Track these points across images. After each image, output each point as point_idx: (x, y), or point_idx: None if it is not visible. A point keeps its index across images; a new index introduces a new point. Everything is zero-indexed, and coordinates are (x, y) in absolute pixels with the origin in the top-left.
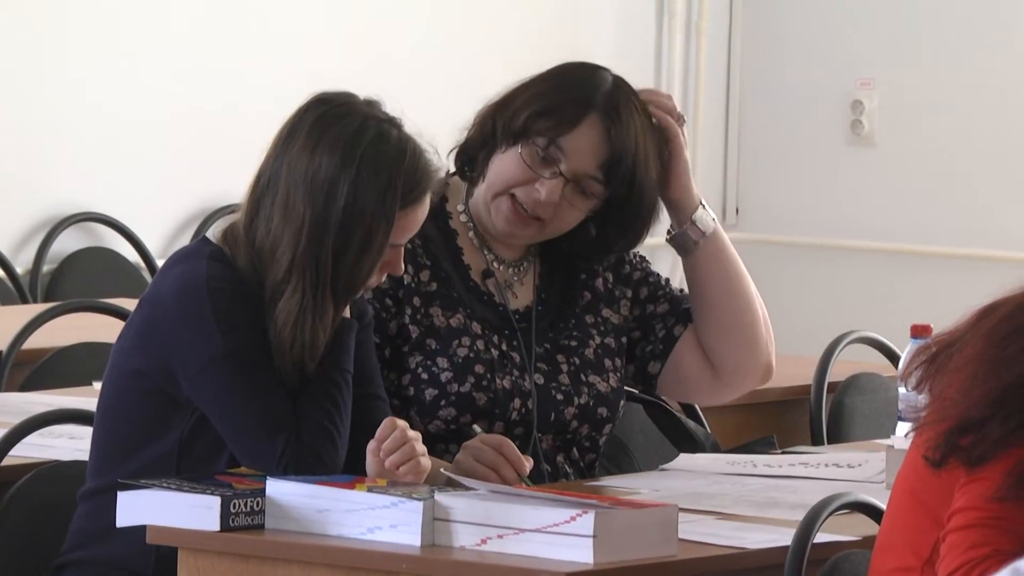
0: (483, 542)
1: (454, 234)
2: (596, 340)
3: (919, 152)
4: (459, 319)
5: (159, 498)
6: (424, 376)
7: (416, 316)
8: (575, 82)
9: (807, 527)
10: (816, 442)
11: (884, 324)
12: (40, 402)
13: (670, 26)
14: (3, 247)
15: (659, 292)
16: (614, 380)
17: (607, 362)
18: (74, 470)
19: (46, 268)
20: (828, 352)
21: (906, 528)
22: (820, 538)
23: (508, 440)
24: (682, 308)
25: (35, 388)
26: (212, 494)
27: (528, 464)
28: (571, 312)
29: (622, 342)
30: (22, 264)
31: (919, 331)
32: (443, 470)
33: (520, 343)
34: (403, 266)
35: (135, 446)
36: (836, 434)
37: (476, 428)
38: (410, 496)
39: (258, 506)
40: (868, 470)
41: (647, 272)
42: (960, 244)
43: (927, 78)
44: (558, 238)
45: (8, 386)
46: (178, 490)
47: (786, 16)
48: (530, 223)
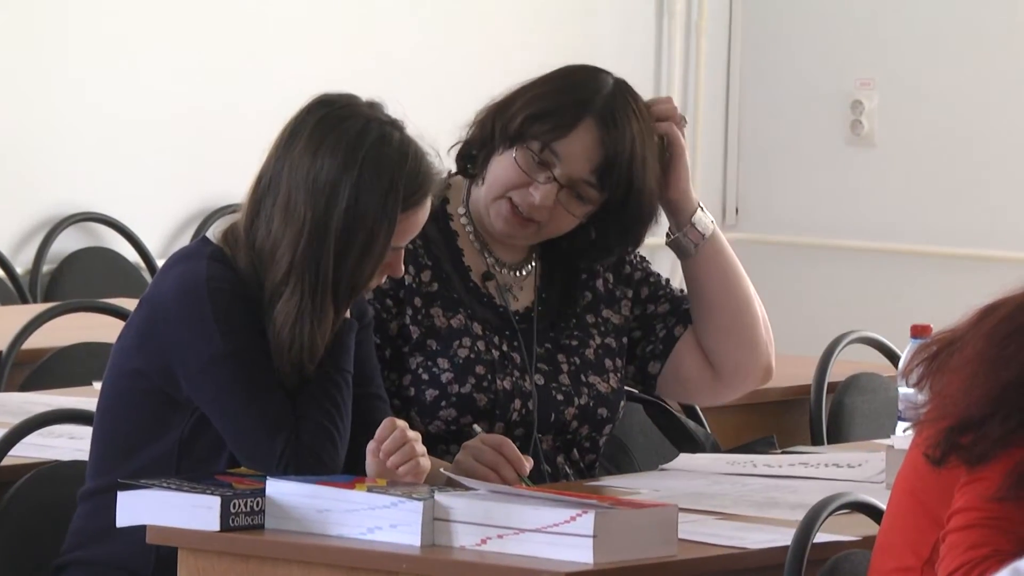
0: (483, 542)
1: (455, 235)
2: (596, 340)
3: (919, 152)
4: (460, 320)
5: (159, 498)
6: (425, 377)
7: (417, 317)
8: (573, 86)
9: (807, 527)
10: (816, 442)
11: (884, 324)
12: (40, 402)
13: (670, 26)
14: (3, 247)
15: (660, 292)
16: (614, 381)
17: (607, 362)
18: (74, 470)
19: (46, 268)
20: (828, 352)
21: (906, 528)
22: (820, 538)
23: (508, 440)
24: (682, 308)
25: (35, 388)
26: (212, 494)
27: (528, 464)
28: (571, 312)
29: (623, 342)
30: (22, 264)
31: (919, 331)
32: (443, 470)
33: (520, 344)
34: (403, 268)
35: (135, 446)
36: (836, 434)
37: (477, 428)
38: (410, 496)
39: (258, 506)
40: (868, 470)
41: (648, 272)
42: (960, 244)
43: (927, 78)
44: (558, 239)
45: (8, 386)
46: (178, 490)
47: (786, 16)
48: (527, 225)
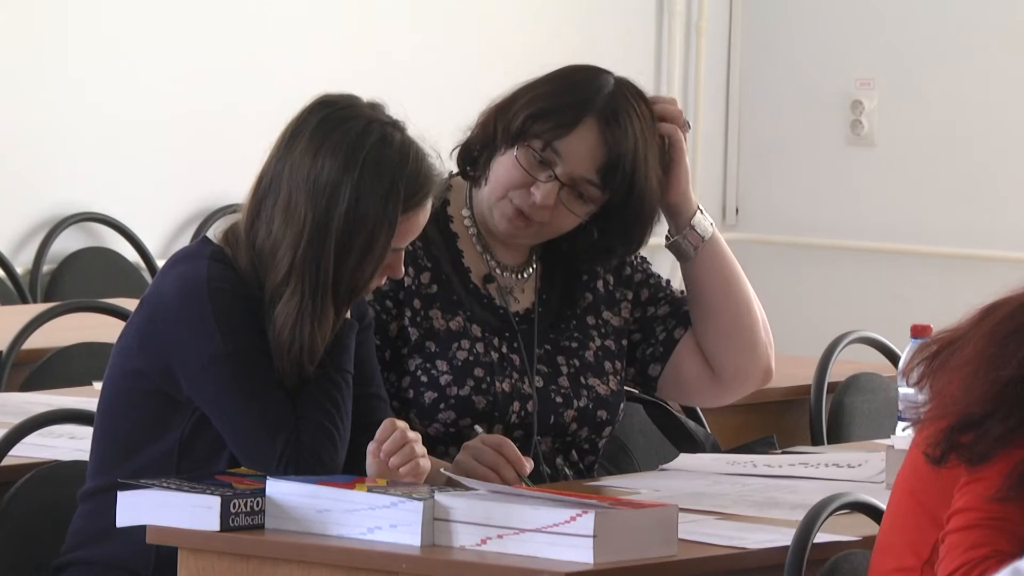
0: (483, 542)
1: (455, 237)
2: (596, 342)
3: (919, 152)
4: (459, 322)
5: (159, 498)
6: (423, 379)
7: (416, 318)
8: (575, 85)
9: (807, 527)
10: (816, 442)
11: (884, 324)
12: (40, 402)
13: (670, 26)
14: (3, 247)
15: (660, 294)
16: (614, 383)
17: (607, 364)
18: (74, 470)
19: (46, 268)
20: (828, 352)
21: (906, 528)
22: (820, 538)
23: (508, 440)
24: (682, 311)
25: (35, 388)
26: (212, 494)
27: (528, 465)
28: (572, 314)
29: (622, 344)
30: (22, 264)
31: (919, 331)
32: (443, 470)
33: (520, 345)
34: (403, 269)
35: (135, 446)
36: (836, 434)
37: (477, 428)
38: (410, 496)
39: (258, 506)
40: (868, 470)
41: (648, 274)
42: (960, 244)
43: (927, 78)
44: (559, 240)
45: (8, 386)
46: (178, 490)
47: (786, 16)
48: (530, 225)
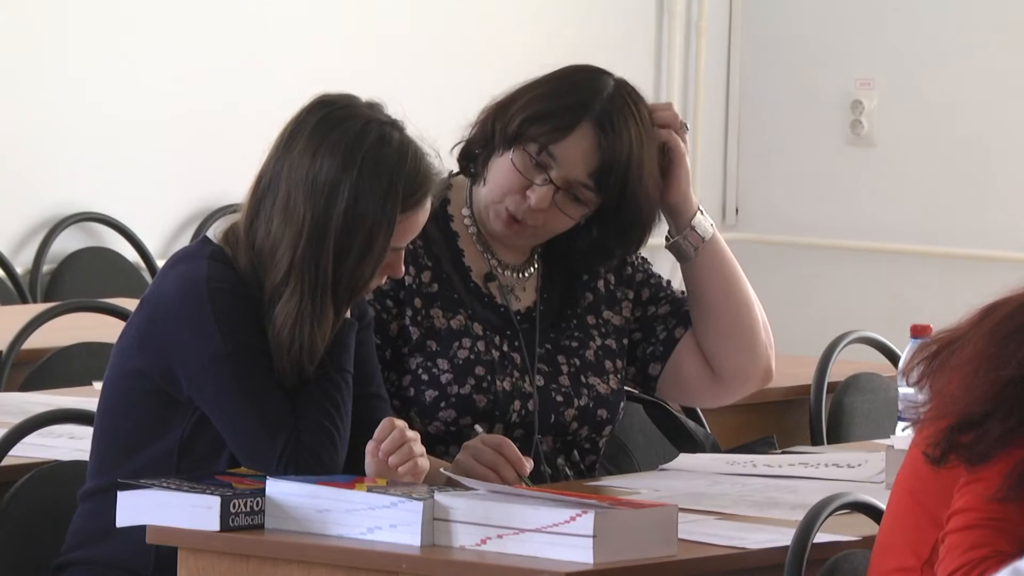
0: (483, 542)
1: (455, 236)
2: (597, 342)
3: (919, 152)
4: (460, 320)
5: (159, 498)
6: (424, 377)
7: (417, 317)
8: (572, 88)
9: (807, 527)
10: (816, 442)
11: (884, 324)
12: (40, 402)
13: (670, 26)
14: (3, 247)
15: (660, 294)
16: (614, 382)
17: (608, 364)
18: (74, 470)
19: (46, 268)
20: (828, 352)
21: (906, 528)
22: (820, 538)
23: (508, 440)
24: (683, 310)
25: (35, 388)
26: (212, 494)
27: (528, 465)
28: (572, 313)
29: (623, 344)
30: (22, 264)
31: (919, 331)
32: (443, 470)
33: (521, 344)
34: (403, 268)
35: (135, 446)
36: (836, 434)
37: (478, 428)
38: (410, 496)
39: (258, 506)
40: (868, 470)
41: (649, 273)
42: (960, 244)
43: (927, 78)
44: (559, 239)
45: (8, 386)
46: (178, 490)
47: (786, 16)
48: (524, 228)
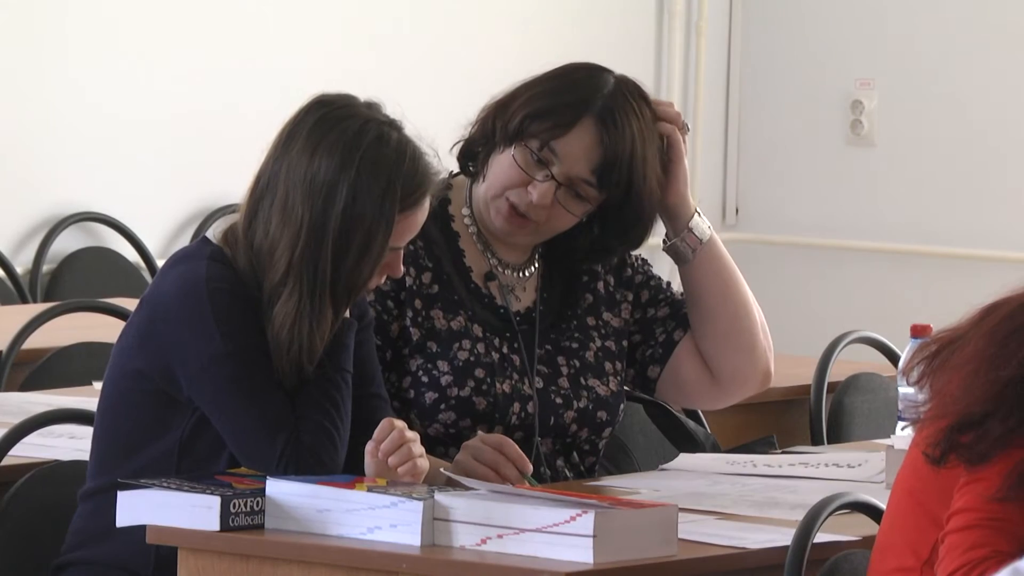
0: (483, 542)
1: (456, 236)
2: (596, 343)
3: (919, 152)
4: (460, 322)
5: (159, 498)
6: (424, 379)
7: (417, 319)
8: (574, 84)
9: (807, 527)
10: (816, 442)
11: (884, 324)
12: (40, 402)
13: (670, 26)
14: (3, 247)
15: (660, 296)
16: (614, 384)
17: (607, 365)
18: (74, 470)
19: (46, 268)
20: (828, 352)
21: (905, 528)
22: (820, 538)
23: (508, 439)
24: (682, 312)
25: (35, 388)
26: (212, 494)
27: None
28: (572, 314)
29: (623, 345)
30: (22, 264)
31: (919, 331)
32: (443, 470)
33: (521, 346)
34: (402, 268)
35: (135, 446)
36: (836, 434)
37: (481, 434)
38: (410, 496)
39: (258, 506)
40: (868, 470)
41: (648, 275)
42: (960, 244)
43: (927, 78)
44: (559, 238)
45: (8, 386)
46: (178, 490)
47: (786, 16)
48: (526, 224)
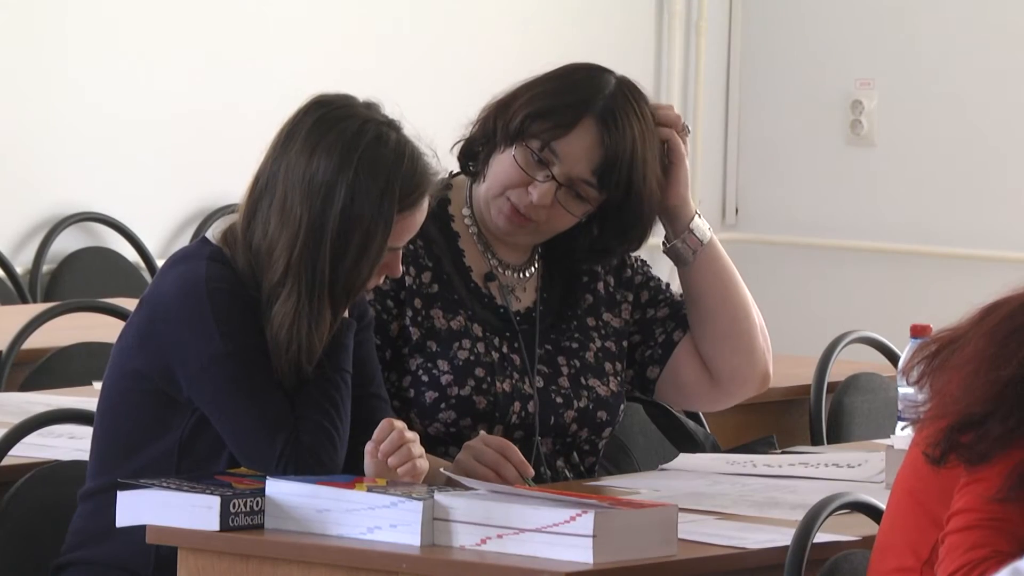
0: (483, 542)
1: (456, 236)
2: (597, 343)
3: (919, 152)
4: (460, 321)
5: (159, 498)
6: (424, 378)
7: (417, 318)
8: (575, 85)
9: (807, 527)
10: (816, 442)
11: (884, 324)
12: (40, 402)
13: (670, 26)
14: (3, 247)
15: (660, 296)
16: (614, 384)
17: (607, 366)
18: (74, 470)
19: (46, 268)
20: (828, 352)
21: (905, 528)
22: (820, 538)
23: (511, 443)
24: (682, 313)
25: (35, 388)
26: (212, 494)
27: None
28: (572, 314)
29: (623, 346)
30: (22, 264)
31: (919, 331)
32: (443, 470)
33: (521, 345)
34: (401, 268)
35: (135, 446)
36: (836, 434)
37: (483, 434)
38: (410, 496)
39: (258, 506)
40: (868, 470)
41: (648, 276)
42: (960, 244)
43: (927, 78)
44: (559, 239)
45: (8, 386)
46: (178, 490)
47: (786, 16)
48: (526, 223)
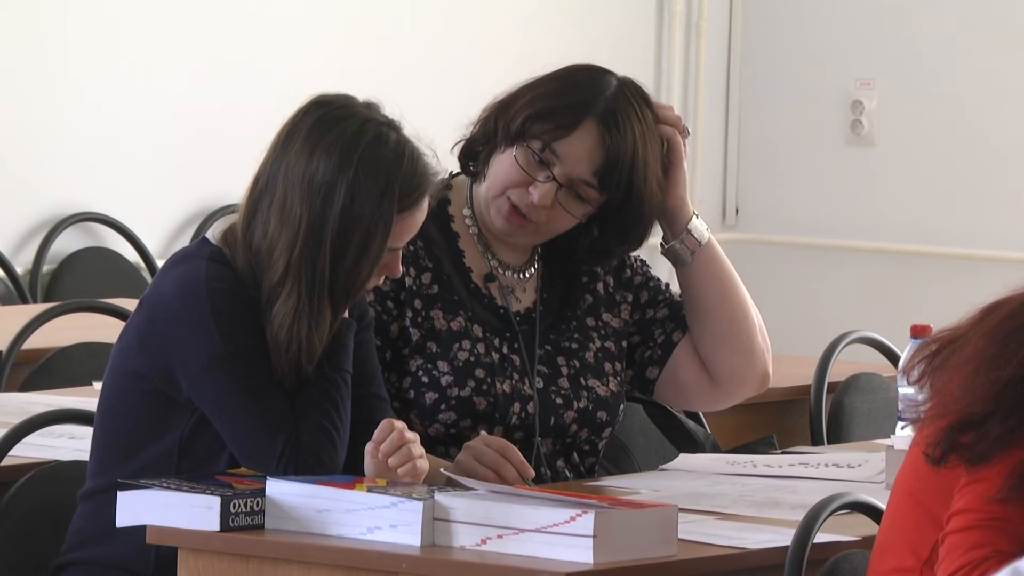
0: (483, 542)
1: (456, 236)
2: (596, 344)
3: (919, 152)
4: (460, 322)
5: (159, 498)
6: (424, 379)
7: (417, 319)
8: (576, 86)
9: (807, 527)
10: (816, 442)
11: (884, 324)
12: (40, 402)
13: (670, 26)
14: (3, 247)
15: (659, 297)
16: (614, 384)
17: (607, 366)
18: (74, 470)
19: (46, 268)
20: (828, 352)
21: (905, 528)
22: (820, 538)
23: (512, 445)
24: (681, 314)
25: (35, 388)
26: (212, 494)
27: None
28: (572, 315)
29: (622, 346)
30: (22, 264)
31: (919, 331)
32: (443, 470)
33: (521, 346)
34: (401, 269)
35: (135, 446)
36: (836, 434)
37: (483, 435)
38: (410, 496)
39: (258, 506)
40: (868, 470)
41: (648, 276)
42: (960, 244)
43: (927, 78)
44: (559, 239)
45: (8, 386)
46: (178, 490)
47: (786, 16)
48: (526, 224)
